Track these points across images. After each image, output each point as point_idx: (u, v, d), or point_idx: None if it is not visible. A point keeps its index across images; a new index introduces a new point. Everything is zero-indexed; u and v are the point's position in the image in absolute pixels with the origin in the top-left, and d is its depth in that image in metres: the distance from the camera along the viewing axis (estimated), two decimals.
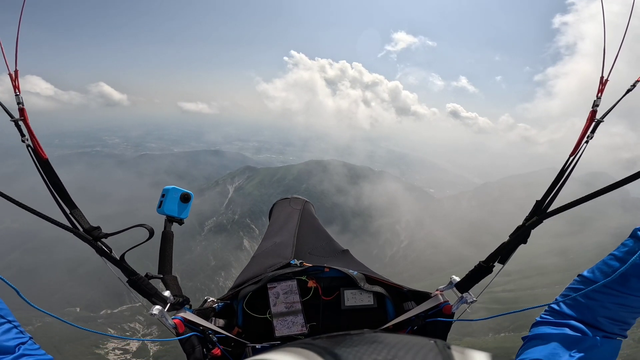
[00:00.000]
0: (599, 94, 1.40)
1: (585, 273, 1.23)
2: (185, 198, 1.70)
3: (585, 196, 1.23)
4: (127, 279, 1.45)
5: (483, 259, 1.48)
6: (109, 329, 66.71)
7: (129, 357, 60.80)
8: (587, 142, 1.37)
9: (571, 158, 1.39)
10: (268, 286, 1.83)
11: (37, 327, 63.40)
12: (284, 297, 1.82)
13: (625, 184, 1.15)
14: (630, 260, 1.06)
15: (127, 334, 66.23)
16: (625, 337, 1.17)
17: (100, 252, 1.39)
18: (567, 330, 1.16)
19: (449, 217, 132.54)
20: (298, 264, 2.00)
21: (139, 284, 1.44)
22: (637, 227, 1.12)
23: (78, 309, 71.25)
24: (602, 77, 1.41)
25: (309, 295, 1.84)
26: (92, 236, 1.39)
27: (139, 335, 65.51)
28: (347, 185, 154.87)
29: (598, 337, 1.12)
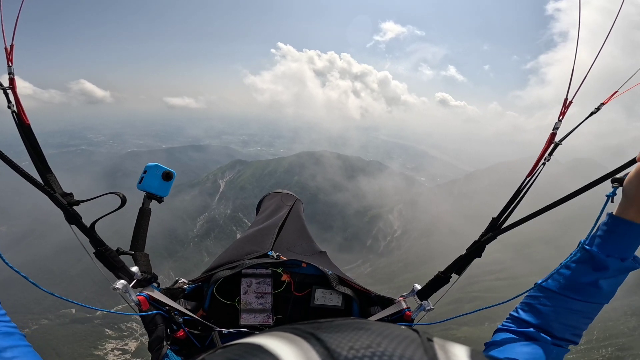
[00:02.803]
0: (561, 117, 1.41)
1: (540, 282, 1.34)
2: (167, 176, 1.66)
3: (539, 210, 1.31)
4: (94, 250, 1.42)
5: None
6: (106, 329, 66.30)
7: (128, 357, 60.47)
8: (544, 163, 1.42)
9: (527, 179, 1.45)
10: (242, 273, 1.83)
11: (34, 330, 63.52)
12: (256, 286, 1.83)
13: (581, 193, 1.23)
14: (564, 261, 1.25)
15: (125, 333, 65.97)
16: (577, 343, 1.26)
17: (71, 218, 1.37)
18: (522, 338, 1.26)
19: (440, 206, 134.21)
20: (275, 256, 2.02)
21: (106, 256, 1.42)
22: (582, 239, 1.24)
23: (73, 311, 70.29)
24: (565, 99, 1.42)
25: (280, 288, 1.87)
26: (66, 201, 1.37)
27: (137, 334, 65.21)
28: (339, 176, 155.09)
29: (549, 344, 1.21)
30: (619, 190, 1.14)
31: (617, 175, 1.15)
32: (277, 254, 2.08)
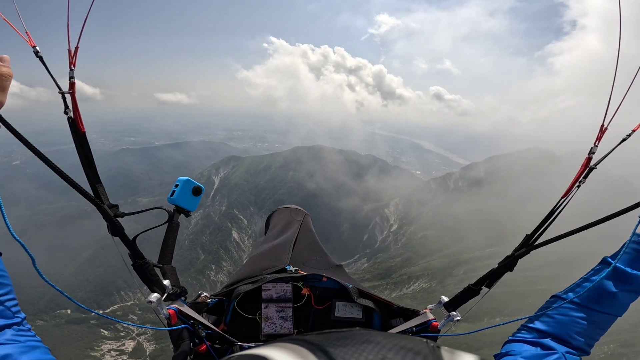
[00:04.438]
0: (597, 142, 1.47)
1: (558, 294, 1.40)
2: (197, 191, 1.72)
3: (571, 231, 1.39)
4: (132, 263, 1.45)
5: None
6: (102, 330, 65.75)
7: (125, 358, 60.08)
8: (578, 186, 1.46)
9: (562, 200, 1.49)
10: (263, 288, 1.86)
11: None
12: (276, 300, 1.85)
13: (617, 216, 1.27)
14: (599, 277, 1.27)
15: (122, 333, 65.35)
16: (589, 353, 1.31)
17: (116, 230, 1.38)
18: (537, 349, 1.27)
19: (436, 199, 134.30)
20: (293, 271, 2.07)
21: (144, 269, 1.44)
22: (606, 256, 1.32)
23: (69, 311, 69.74)
24: (602, 125, 1.47)
25: (301, 302, 1.90)
26: (112, 213, 1.39)
27: (133, 334, 64.56)
28: (334, 171, 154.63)
29: (563, 352, 1.24)
30: None
31: None
32: (295, 268, 2.11)
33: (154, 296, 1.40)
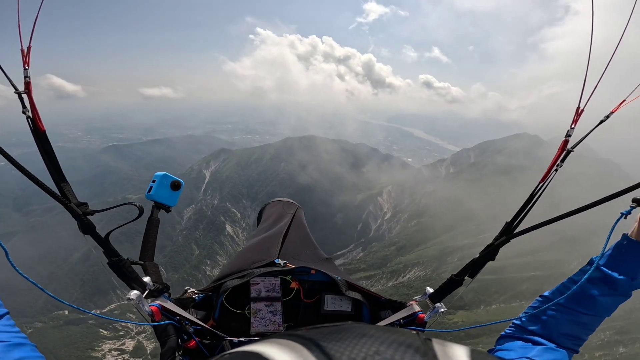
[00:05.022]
0: (573, 125, 1.45)
1: (546, 293, 1.41)
2: (176, 185, 1.69)
3: (553, 218, 1.37)
4: (107, 261, 1.42)
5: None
6: (101, 330, 65.55)
7: (126, 358, 60.10)
8: (556, 170, 1.46)
9: (540, 185, 1.48)
10: (251, 282, 1.86)
11: (29, 334, 62.06)
12: (265, 294, 1.85)
13: (600, 204, 1.25)
14: (581, 281, 1.27)
15: (121, 333, 65.24)
16: (577, 352, 1.34)
17: (86, 229, 1.36)
18: (529, 344, 1.32)
19: (428, 186, 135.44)
20: (282, 264, 2.06)
21: (121, 267, 1.42)
22: (594, 256, 1.32)
23: (66, 312, 69.26)
24: (578, 108, 1.45)
25: (290, 295, 1.91)
26: (81, 211, 1.36)
27: (132, 333, 64.31)
28: (326, 160, 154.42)
29: (554, 345, 1.30)
30: (635, 210, 1.17)
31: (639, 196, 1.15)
32: (284, 261, 2.09)
33: (134, 293, 1.38)
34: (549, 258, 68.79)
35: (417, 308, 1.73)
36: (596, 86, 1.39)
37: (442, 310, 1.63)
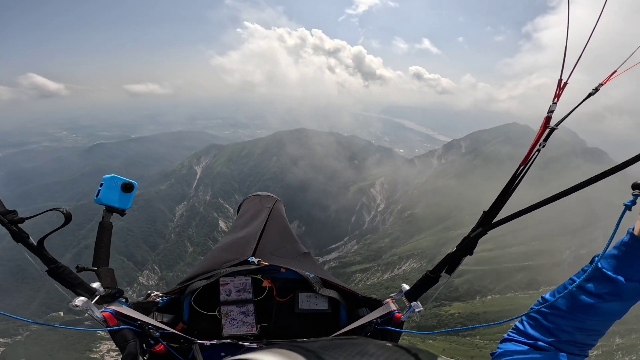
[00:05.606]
0: (556, 99, 1.31)
1: (546, 295, 1.25)
2: (127, 187, 1.61)
3: (531, 206, 1.21)
4: (46, 268, 1.37)
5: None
6: (97, 331, 64.47)
7: None
8: (539, 150, 1.32)
9: (522, 167, 1.33)
10: (220, 282, 1.78)
11: (27, 337, 62.36)
12: (236, 294, 1.78)
13: (587, 186, 1.08)
14: (577, 282, 1.13)
15: None
16: (586, 356, 1.19)
17: (17, 237, 1.31)
18: (531, 350, 1.19)
19: (420, 176, 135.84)
20: (256, 262, 1.95)
21: (60, 274, 1.37)
22: (596, 254, 1.13)
23: (62, 314, 68.24)
24: (560, 80, 1.30)
25: (262, 295, 1.83)
26: (7, 219, 1.30)
27: None
28: (318, 153, 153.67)
29: (559, 354, 1.15)
30: None
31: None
32: (258, 259, 1.99)
33: (79, 300, 1.32)
34: (543, 247, 69.38)
35: (393, 307, 1.65)
36: (580, 56, 1.27)
37: (418, 309, 1.55)
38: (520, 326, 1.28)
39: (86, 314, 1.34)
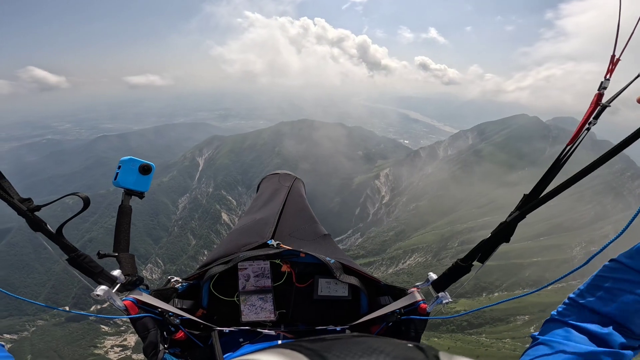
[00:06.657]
0: (608, 75, 1.23)
1: (620, 258, 0.99)
2: (145, 169, 1.59)
3: (572, 177, 1.09)
4: (66, 257, 1.33)
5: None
6: (102, 326, 65.31)
7: (128, 353, 60.03)
8: (588, 129, 1.22)
9: (569, 147, 1.24)
10: (239, 267, 1.74)
11: (33, 332, 63.37)
12: (254, 280, 1.74)
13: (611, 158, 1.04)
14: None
15: (122, 328, 65.36)
16: None
17: (35, 226, 1.28)
18: (584, 340, 0.95)
19: (426, 168, 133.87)
20: (275, 245, 1.89)
21: (81, 262, 1.33)
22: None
23: (67, 308, 68.20)
24: (613, 56, 1.21)
25: (281, 280, 1.78)
26: (25, 207, 1.26)
27: (132, 329, 64.33)
28: (321, 144, 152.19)
29: (617, 346, 0.91)
30: None
31: None
32: (278, 242, 1.93)
33: (100, 289, 1.28)
34: (551, 243, 67.83)
35: (418, 297, 1.55)
36: (633, 31, 1.14)
37: (447, 301, 1.45)
38: (579, 298, 1.04)
39: (106, 304, 1.21)
